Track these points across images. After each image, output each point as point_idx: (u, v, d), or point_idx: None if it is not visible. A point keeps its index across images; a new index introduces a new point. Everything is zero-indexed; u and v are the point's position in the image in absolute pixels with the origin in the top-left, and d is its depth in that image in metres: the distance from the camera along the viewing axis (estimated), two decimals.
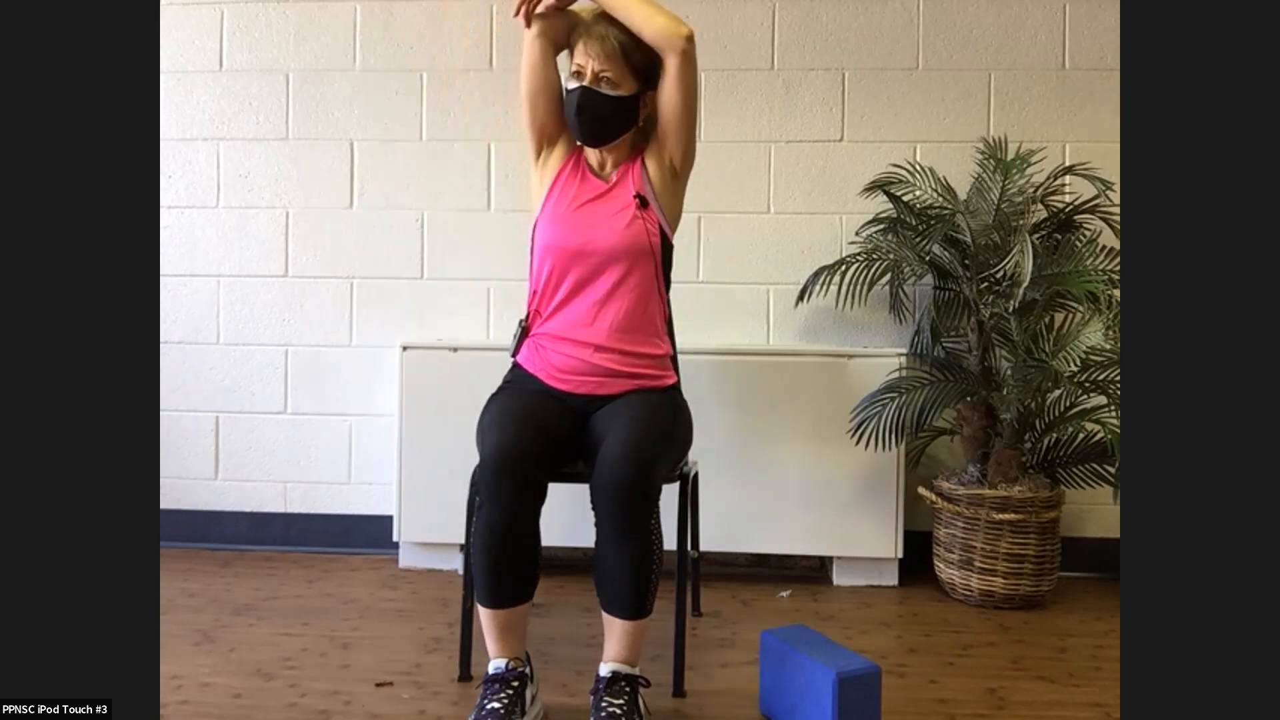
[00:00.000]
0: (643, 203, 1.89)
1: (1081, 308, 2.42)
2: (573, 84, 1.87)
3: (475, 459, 1.92)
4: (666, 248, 1.95)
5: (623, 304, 1.87)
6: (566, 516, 2.06)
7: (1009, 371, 2.45)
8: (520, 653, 1.75)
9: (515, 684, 1.70)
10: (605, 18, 1.87)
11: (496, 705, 1.65)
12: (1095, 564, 2.76)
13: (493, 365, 2.09)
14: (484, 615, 1.73)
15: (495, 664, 1.72)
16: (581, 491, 1.71)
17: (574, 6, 1.93)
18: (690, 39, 1.84)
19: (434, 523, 2.68)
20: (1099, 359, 2.39)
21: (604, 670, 1.70)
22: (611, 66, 1.83)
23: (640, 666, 1.73)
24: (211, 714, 1.80)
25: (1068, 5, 2.79)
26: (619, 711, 1.64)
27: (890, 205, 2.67)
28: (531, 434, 1.72)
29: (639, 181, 1.91)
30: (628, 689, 1.68)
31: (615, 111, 1.86)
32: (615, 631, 1.71)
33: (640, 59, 1.85)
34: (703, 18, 2.83)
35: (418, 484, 2.68)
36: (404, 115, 2.90)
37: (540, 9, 1.91)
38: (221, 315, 2.95)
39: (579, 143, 1.94)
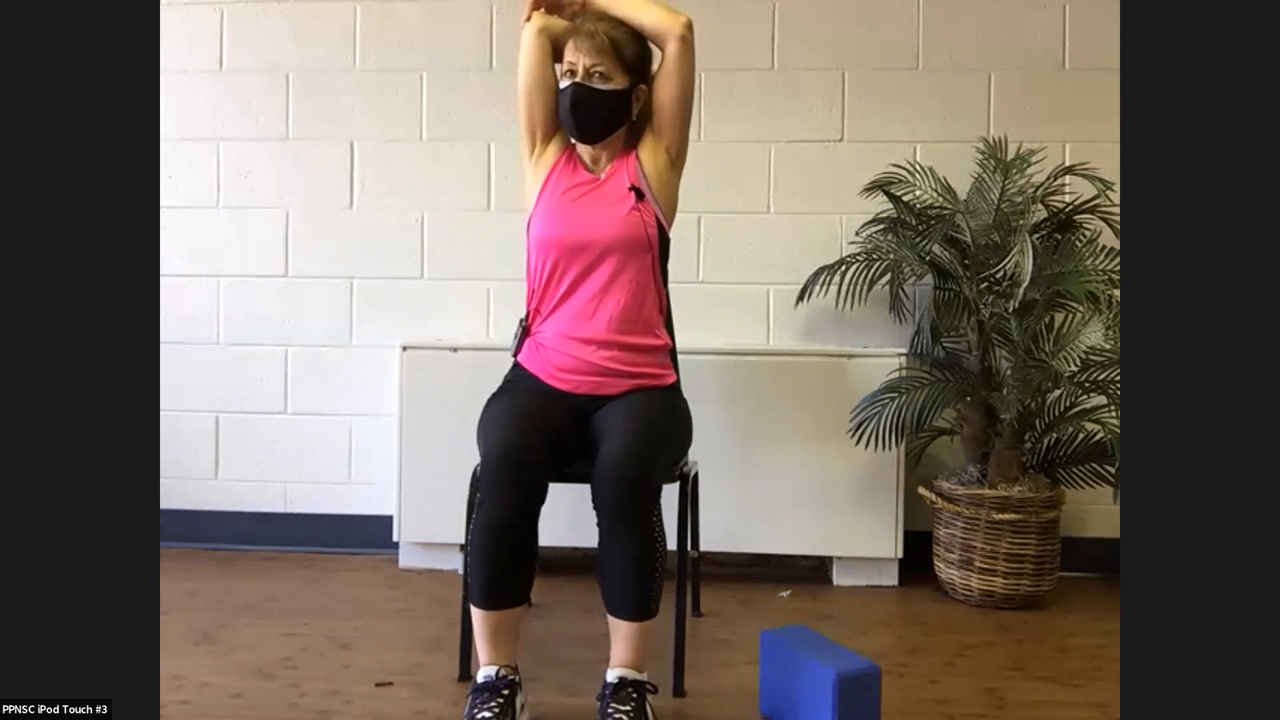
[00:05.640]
0: (639, 195, 1.89)
1: (1081, 308, 2.42)
2: (565, 82, 1.88)
3: (475, 459, 1.92)
4: (664, 241, 1.95)
5: (621, 296, 1.88)
6: (566, 516, 2.05)
7: (1009, 371, 2.44)
8: (512, 660, 1.72)
9: (506, 692, 1.67)
10: (595, 18, 1.89)
11: (487, 715, 1.63)
12: (1095, 564, 2.75)
13: (493, 365, 2.09)
14: (477, 618, 1.72)
15: (485, 671, 1.70)
16: (581, 491, 1.71)
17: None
18: (689, 26, 1.91)
19: (434, 523, 2.68)
20: (1099, 359, 2.39)
21: (611, 676, 1.69)
22: (603, 60, 1.85)
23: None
24: (211, 714, 1.80)
25: (1068, 5, 2.79)
26: (625, 719, 1.63)
27: (890, 205, 2.67)
28: (535, 433, 1.71)
29: (634, 175, 1.91)
30: (634, 695, 1.66)
31: (609, 106, 1.87)
32: (621, 635, 1.70)
33: (630, 53, 1.87)
34: (703, 18, 2.79)
35: (418, 484, 2.68)
36: (404, 115, 2.89)
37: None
38: (221, 315, 2.95)
39: (574, 140, 1.95)
